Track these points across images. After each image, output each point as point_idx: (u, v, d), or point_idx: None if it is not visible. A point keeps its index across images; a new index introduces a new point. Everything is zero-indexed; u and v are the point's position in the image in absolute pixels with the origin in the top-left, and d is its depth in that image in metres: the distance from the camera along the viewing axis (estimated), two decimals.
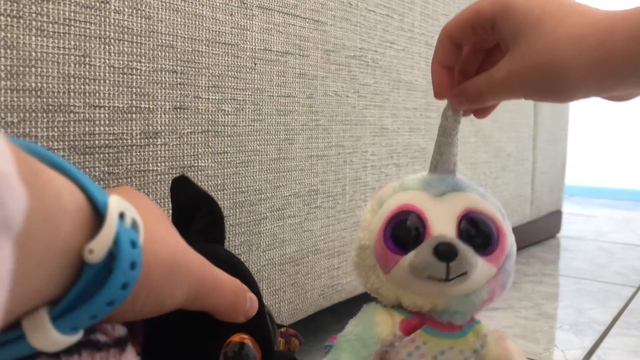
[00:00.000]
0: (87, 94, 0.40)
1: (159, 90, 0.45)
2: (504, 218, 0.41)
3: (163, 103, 0.46)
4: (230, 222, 0.52)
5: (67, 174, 0.22)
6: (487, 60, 0.42)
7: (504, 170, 1.10)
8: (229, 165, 0.52)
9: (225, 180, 0.52)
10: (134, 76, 0.43)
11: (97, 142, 0.41)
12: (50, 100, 0.38)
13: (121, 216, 0.24)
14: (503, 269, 0.40)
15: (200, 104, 0.49)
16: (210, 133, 0.50)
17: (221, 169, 0.51)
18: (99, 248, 0.22)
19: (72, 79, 0.40)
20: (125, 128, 0.43)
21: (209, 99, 0.49)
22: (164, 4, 0.45)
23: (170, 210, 0.40)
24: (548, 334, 0.77)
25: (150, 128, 0.45)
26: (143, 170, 0.45)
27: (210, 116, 0.50)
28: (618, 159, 2.34)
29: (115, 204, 0.23)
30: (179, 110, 0.47)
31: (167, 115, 0.46)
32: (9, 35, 0.36)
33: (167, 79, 0.46)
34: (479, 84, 0.39)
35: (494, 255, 0.39)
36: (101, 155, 0.42)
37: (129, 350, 0.27)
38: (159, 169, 0.46)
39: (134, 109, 0.44)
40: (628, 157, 2.32)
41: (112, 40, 0.42)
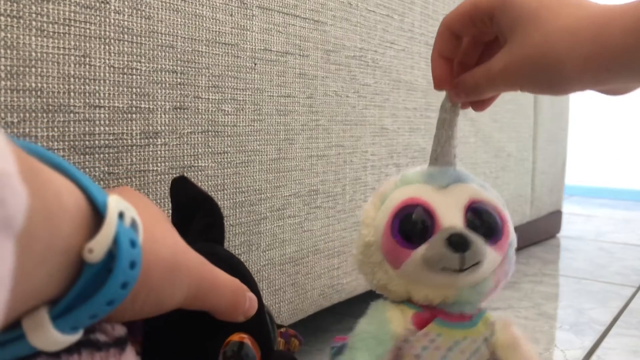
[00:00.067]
0: (87, 94, 0.41)
1: (159, 90, 0.45)
2: (504, 207, 0.41)
3: (163, 103, 0.46)
4: (230, 222, 0.52)
5: (67, 173, 0.23)
6: (487, 53, 0.42)
7: (504, 170, 1.10)
8: (229, 165, 0.52)
9: (225, 180, 0.52)
10: (134, 76, 0.43)
11: (97, 142, 0.41)
12: (50, 100, 0.38)
13: (121, 216, 0.24)
14: (507, 257, 0.40)
15: (200, 104, 0.49)
16: (210, 133, 0.50)
17: (221, 169, 0.51)
18: (98, 247, 0.22)
19: (72, 79, 0.40)
20: (125, 128, 0.43)
21: (209, 99, 0.49)
22: (164, 4, 0.45)
23: (170, 210, 0.40)
24: (548, 334, 0.77)
25: (150, 128, 0.45)
26: (143, 170, 0.45)
27: (210, 116, 0.50)
28: (618, 159, 2.34)
29: (114, 203, 0.23)
30: (179, 110, 0.47)
31: (167, 115, 0.46)
32: (9, 35, 0.36)
33: (167, 79, 0.46)
34: (476, 75, 0.39)
35: (500, 244, 0.39)
36: (101, 155, 0.42)
37: (129, 350, 0.27)
38: (159, 169, 0.46)
39: (134, 109, 0.44)
40: (628, 157, 2.32)
41: (112, 41, 0.42)
